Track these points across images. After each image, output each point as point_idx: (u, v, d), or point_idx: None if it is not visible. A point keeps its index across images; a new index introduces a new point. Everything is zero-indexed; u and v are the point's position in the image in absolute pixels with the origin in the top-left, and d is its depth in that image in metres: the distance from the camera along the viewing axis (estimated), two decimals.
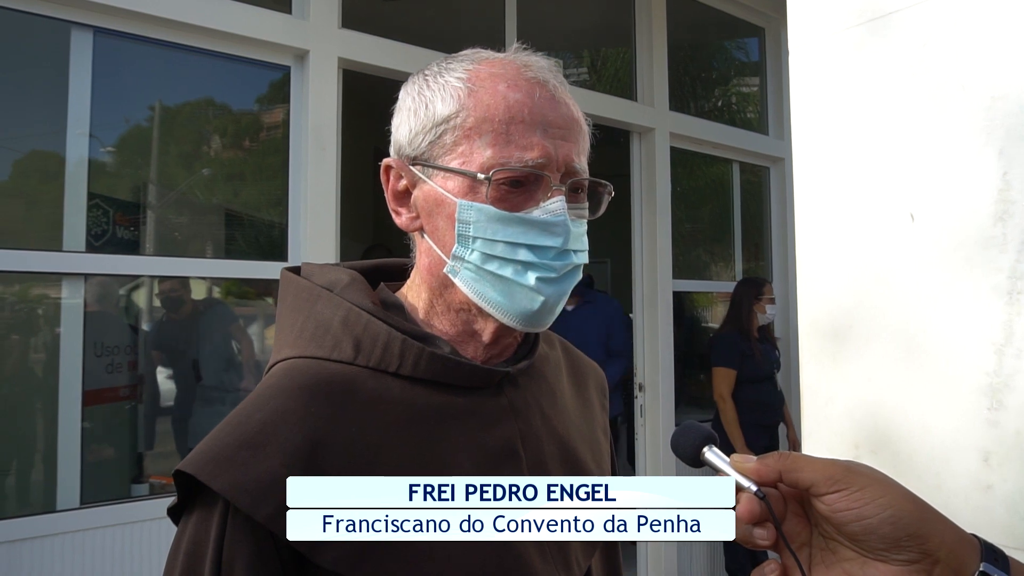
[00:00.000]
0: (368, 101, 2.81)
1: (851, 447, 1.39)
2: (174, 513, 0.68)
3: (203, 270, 2.69)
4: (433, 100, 0.72)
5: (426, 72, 0.76)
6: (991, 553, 0.51)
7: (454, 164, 0.70)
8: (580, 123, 0.75)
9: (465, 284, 0.72)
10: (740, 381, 3.54)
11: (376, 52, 2.76)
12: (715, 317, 4.52)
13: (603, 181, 0.76)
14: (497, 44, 0.78)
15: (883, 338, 1.36)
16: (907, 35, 1.35)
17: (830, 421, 1.44)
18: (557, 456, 0.78)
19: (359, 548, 0.63)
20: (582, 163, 0.74)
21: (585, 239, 0.74)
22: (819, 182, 1.50)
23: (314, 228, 2.57)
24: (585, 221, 0.75)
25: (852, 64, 1.44)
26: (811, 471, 0.52)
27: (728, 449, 3.71)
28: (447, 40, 0.85)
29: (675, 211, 3.87)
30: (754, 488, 0.54)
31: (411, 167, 0.74)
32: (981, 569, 0.50)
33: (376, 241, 5.17)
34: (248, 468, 0.62)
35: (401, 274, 0.83)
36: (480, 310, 0.73)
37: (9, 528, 2.02)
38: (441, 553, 0.65)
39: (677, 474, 3.69)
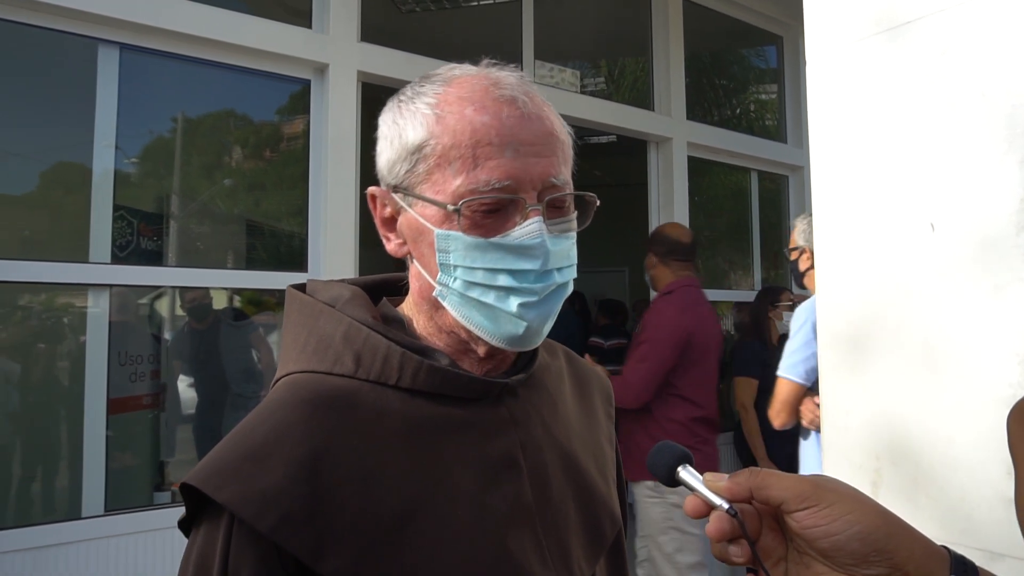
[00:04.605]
0: None
1: (871, 458, 1.38)
2: (184, 526, 0.69)
3: (224, 281, 2.72)
4: (405, 128, 0.72)
5: (401, 97, 0.75)
6: (961, 565, 0.52)
7: (428, 194, 0.71)
8: (557, 135, 0.73)
9: (453, 308, 0.73)
10: (762, 390, 3.51)
11: (394, 65, 2.79)
12: (734, 326, 4.48)
13: (586, 193, 0.75)
14: (515, 56, 0.78)
15: (903, 349, 1.35)
16: (926, 44, 1.35)
17: (850, 432, 1.42)
18: (559, 465, 0.79)
19: (362, 557, 0.64)
20: (563, 176, 0.73)
21: (572, 254, 0.74)
22: (838, 191, 1.49)
23: (334, 238, 2.60)
24: (571, 235, 0.74)
25: (870, 73, 1.44)
26: (780, 489, 0.53)
27: (749, 458, 3.62)
28: (464, 52, 0.86)
29: (693, 220, 3.86)
30: (726, 506, 0.54)
31: (393, 195, 0.75)
32: None
33: None
34: (252, 480, 0.63)
35: (405, 288, 0.84)
36: (469, 332, 0.73)
37: (35, 535, 2.05)
38: (441, 561, 0.66)
39: None
